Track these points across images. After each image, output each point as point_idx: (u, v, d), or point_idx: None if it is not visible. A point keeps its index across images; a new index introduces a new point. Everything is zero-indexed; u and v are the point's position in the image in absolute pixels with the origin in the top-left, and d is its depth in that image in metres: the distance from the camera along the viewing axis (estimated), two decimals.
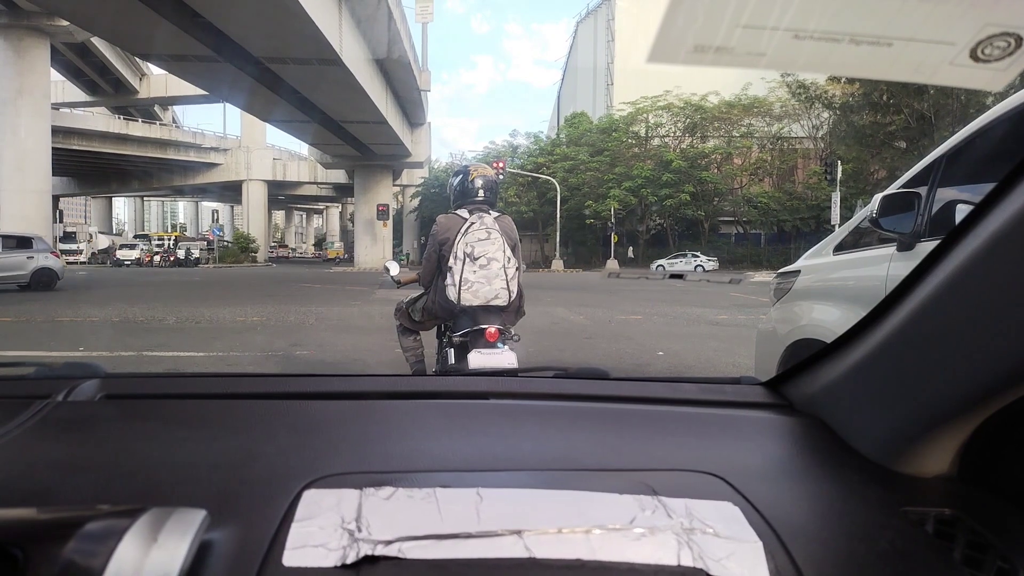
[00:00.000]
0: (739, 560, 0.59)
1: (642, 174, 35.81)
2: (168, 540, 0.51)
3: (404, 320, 3.58)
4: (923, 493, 0.76)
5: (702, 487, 0.73)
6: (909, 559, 0.64)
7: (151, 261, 40.89)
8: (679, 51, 0.56)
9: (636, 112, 39.03)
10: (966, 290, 0.69)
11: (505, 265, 3.15)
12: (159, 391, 1.09)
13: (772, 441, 0.92)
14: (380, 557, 0.58)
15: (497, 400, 1.04)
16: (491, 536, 0.60)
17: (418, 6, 36.64)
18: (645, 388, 1.12)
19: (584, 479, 0.75)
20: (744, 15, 0.54)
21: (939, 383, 0.73)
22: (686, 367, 6.44)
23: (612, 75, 51.02)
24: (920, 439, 0.77)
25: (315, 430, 0.90)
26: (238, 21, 19.50)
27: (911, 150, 23.64)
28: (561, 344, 7.70)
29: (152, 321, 9.49)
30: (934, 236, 2.38)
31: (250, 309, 11.13)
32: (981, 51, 0.54)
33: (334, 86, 25.54)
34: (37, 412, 0.90)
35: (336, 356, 6.86)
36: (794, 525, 0.66)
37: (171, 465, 0.77)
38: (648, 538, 0.61)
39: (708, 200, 36.58)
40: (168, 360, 6.47)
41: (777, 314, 3.51)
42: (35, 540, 0.50)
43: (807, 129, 35.84)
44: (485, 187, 3.35)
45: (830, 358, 0.94)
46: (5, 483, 0.72)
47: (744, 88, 36.13)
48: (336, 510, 0.64)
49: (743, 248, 37.17)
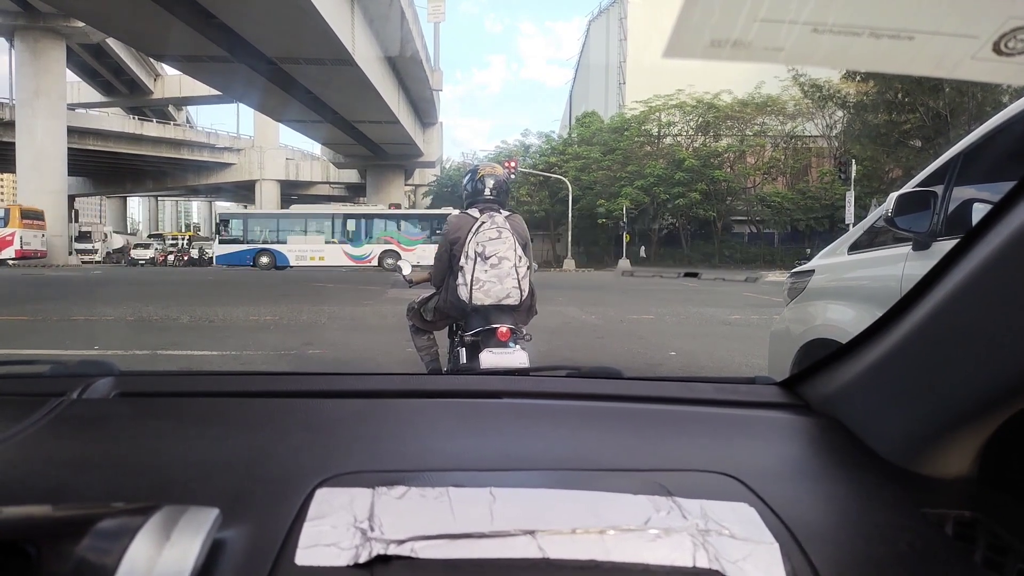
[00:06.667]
0: (755, 562, 0.59)
1: (654, 172, 35.68)
2: (181, 538, 0.51)
3: (416, 320, 3.58)
4: (942, 494, 0.75)
5: (717, 488, 0.72)
6: (929, 561, 0.63)
7: (165, 260, 41.17)
8: (696, 46, 0.55)
9: (648, 111, 38.88)
10: (986, 289, 0.68)
11: (516, 264, 3.14)
12: (173, 389, 1.09)
13: (788, 441, 0.91)
14: (393, 557, 0.57)
15: (510, 399, 1.04)
16: (504, 536, 0.60)
17: (430, 5, 36.76)
18: (659, 388, 1.12)
19: (598, 479, 0.74)
20: (762, 9, 0.53)
21: (958, 383, 0.72)
22: (699, 367, 6.41)
23: (624, 74, 50.85)
24: (939, 440, 0.76)
25: (328, 429, 0.90)
26: (252, 21, 19.63)
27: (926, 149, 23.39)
28: (572, 343, 7.68)
29: (166, 320, 9.55)
30: (950, 235, 2.35)
31: (263, 308, 11.17)
32: (1004, 45, 0.53)
33: (346, 86, 25.67)
34: (52, 410, 0.90)
35: (349, 355, 6.87)
36: (811, 526, 0.66)
37: (184, 463, 0.77)
38: (663, 539, 0.61)
39: (721, 199, 36.36)
40: (182, 359, 6.51)
41: (791, 314, 3.49)
42: (49, 537, 0.50)
43: (821, 128, 35.54)
44: (496, 186, 3.36)
45: (847, 358, 0.93)
46: (20, 480, 0.72)
47: (757, 87, 35.85)
48: (349, 509, 0.64)
49: (756, 247, 36.92)
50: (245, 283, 19.84)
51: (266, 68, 23.43)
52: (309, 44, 21.03)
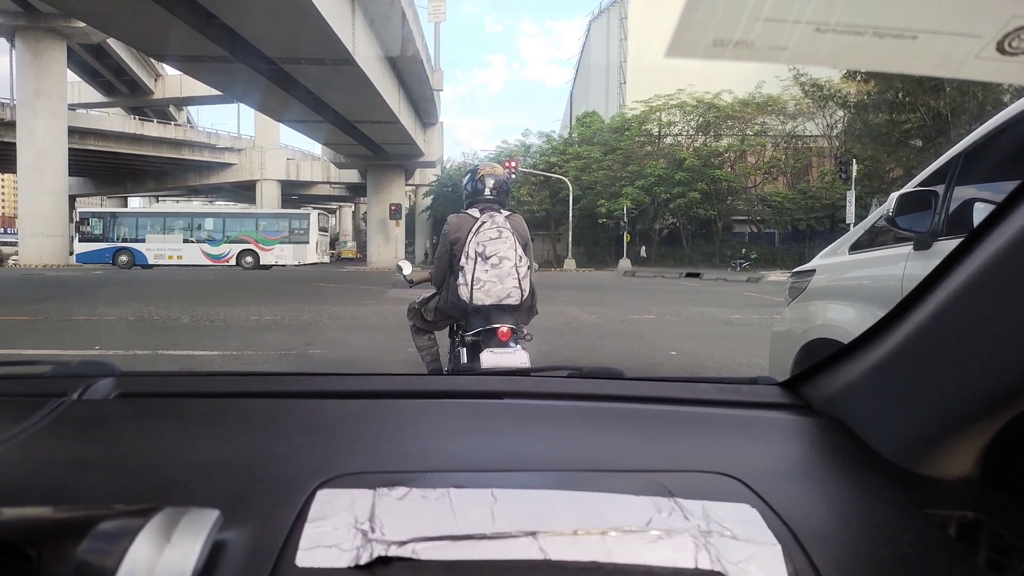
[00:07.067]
0: (758, 563, 0.59)
1: (655, 172, 35.67)
2: (182, 540, 0.51)
3: (417, 320, 3.58)
4: (945, 495, 0.75)
5: (719, 488, 0.72)
6: (931, 562, 0.62)
7: None
8: (699, 45, 0.55)
9: (649, 111, 38.86)
10: (989, 289, 0.68)
11: (517, 264, 3.14)
12: (174, 390, 1.09)
13: (790, 442, 0.91)
14: (394, 558, 0.57)
15: (511, 400, 1.04)
16: (506, 537, 0.60)
17: (431, 5, 36.67)
18: (660, 388, 1.11)
19: (599, 480, 0.74)
20: (765, 8, 0.53)
21: (961, 384, 0.72)
22: (699, 367, 6.41)
23: (625, 74, 50.82)
24: (942, 441, 0.76)
25: (329, 429, 0.90)
26: (252, 21, 19.60)
27: (927, 148, 23.38)
28: (573, 343, 7.68)
29: (167, 320, 9.56)
30: (951, 235, 2.35)
31: (264, 308, 11.18)
32: (1008, 44, 0.53)
33: (347, 86, 25.62)
34: (53, 410, 0.90)
35: (349, 355, 6.88)
36: (813, 527, 0.66)
37: (185, 464, 0.77)
38: (665, 540, 0.60)
39: (722, 199, 36.36)
40: (183, 359, 6.51)
41: (792, 314, 3.48)
42: (49, 539, 0.50)
43: (822, 127, 35.53)
44: (496, 186, 3.36)
45: (849, 358, 0.93)
46: (20, 481, 0.72)
47: (758, 86, 35.81)
48: (350, 510, 0.64)
49: (757, 247, 36.90)
50: (246, 283, 19.84)
51: (267, 68, 23.38)
52: (310, 44, 20.99)
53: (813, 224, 34.70)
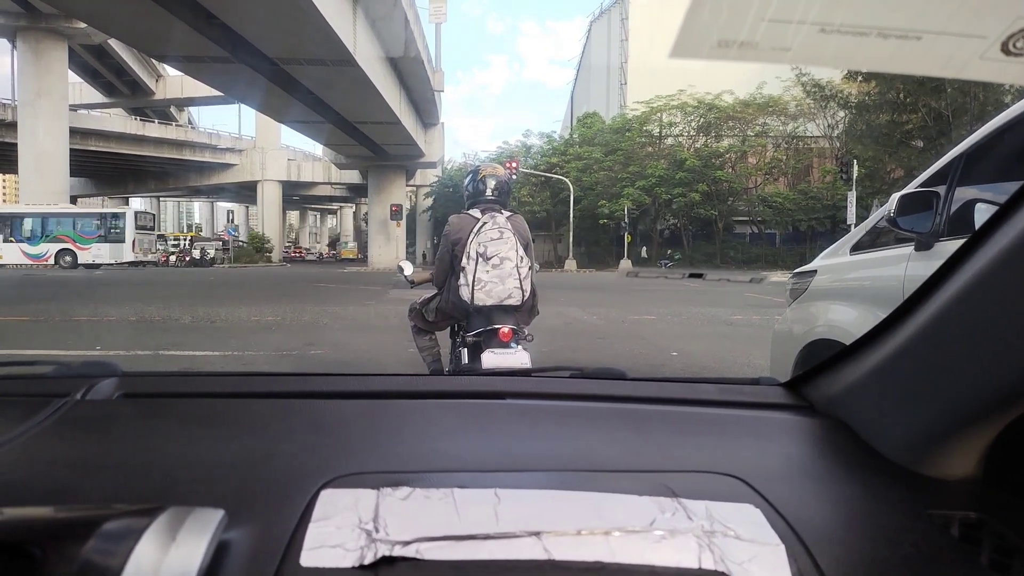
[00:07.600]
0: (761, 563, 0.59)
1: (656, 173, 35.69)
2: (186, 540, 0.51)
3: (418, 320, 3.58)
4: (948, 496, 0.75)
5: (722, 489, 0.72)
6: (934, 563, 0.62)
7: (167, 261, 41.17)
8: (703, 46, 0.55)
9: (650, 111, 38.87)
10: (992, 290, 0.68)
11: (518, 264, 3.14)
12: (176, 390, 1.09)
13: (793, 442, 0.91)
14: (398, 558, 0.57)
15: (513, 400, 1.04)
16: (509, 537, 0.60)
17: (432, 6, 36.74)
18: (663, 388, 1.11)
19: (602, 480, 0.74)
20: (769, 9, 0.53)
21: (964, 385, 0.72)
22: (701, 367, 6.40)
23: (626, 74, 50.80)
24: (944, 441, 0.76)
25: (331, 429, 0.90)
26: (253, 22, 19.63)
27: (928, 149, 23.37)
28: (574, 344, 7.68)
29: (168, 320, 9.56)
30: (953, 236, 2.35)
31: (265, 309, 11.18)
32: (1013, 44, 0.53)
33: (348, 87, 25.65)
34: (55, 411, 0.90)
35: (351, 355, 6.88)
36: (816, 528, 0.66)
37: (189, 464, 0.77)
38: (668, 540, 0.60)
39: (722, 199, 36.36)
40: (184, 359, 6.51)
41: (793, 314, 3.48)
42: (54, 539, 0.50)
43: (823, 128, 35.51)
44: (497, 187, 3.36)
45: (851, 359, 0.93)
46: (24, 482, 0.72)
47: (759, 87, 35.81)
48: (353, 510, 0.64)
49: (758, 248, 36.91)
50: (247, 283, 19.85)
51: (267, 69, 23.41)
52: (311, 45, 21.01)
53: (814, 225, 34.71)
